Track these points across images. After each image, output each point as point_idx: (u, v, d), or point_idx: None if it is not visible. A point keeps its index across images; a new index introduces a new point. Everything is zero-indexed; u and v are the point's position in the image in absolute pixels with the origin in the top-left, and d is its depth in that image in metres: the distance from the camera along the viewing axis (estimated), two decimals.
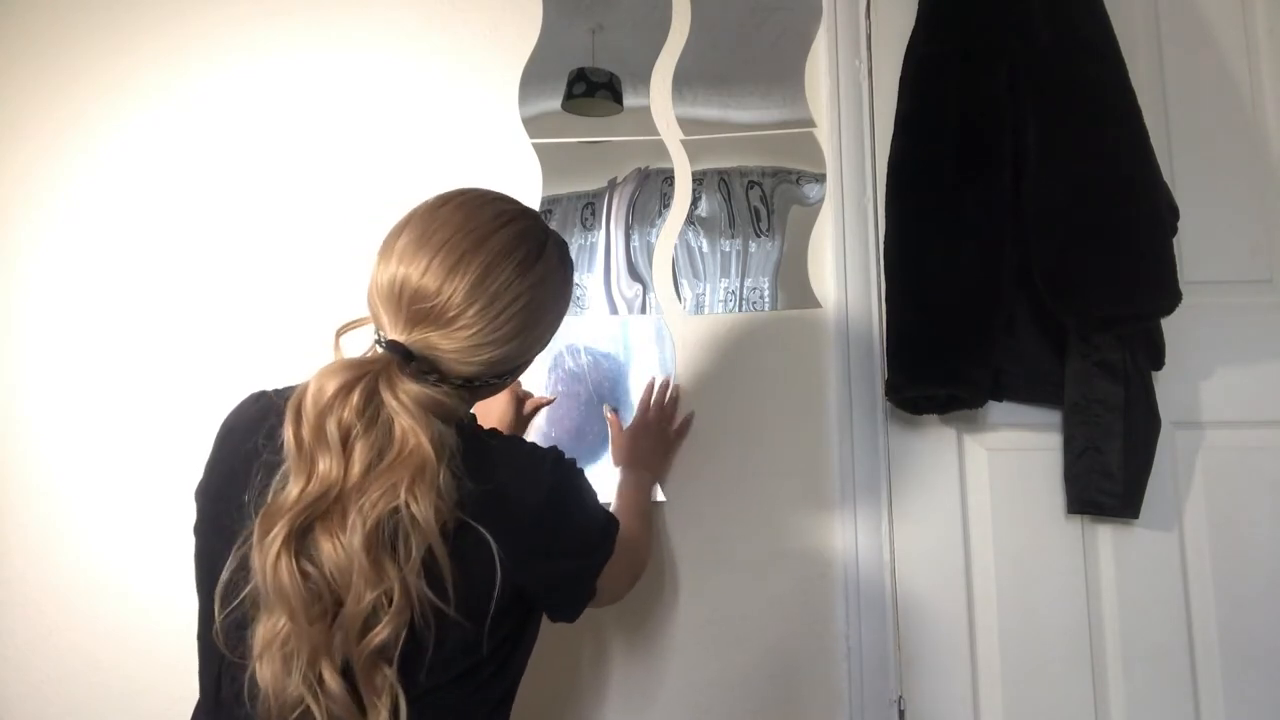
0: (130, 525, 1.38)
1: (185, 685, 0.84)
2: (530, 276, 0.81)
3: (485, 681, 0.82)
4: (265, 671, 0.72)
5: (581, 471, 0.88)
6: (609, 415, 1.32)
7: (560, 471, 0.84)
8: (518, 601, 0.82)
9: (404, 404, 0.74)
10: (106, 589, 1.37)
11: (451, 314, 0.77)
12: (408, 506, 0.71)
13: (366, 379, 0.74)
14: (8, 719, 1.37)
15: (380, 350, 0.79)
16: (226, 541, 0.76)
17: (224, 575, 0.74)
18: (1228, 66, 1.38)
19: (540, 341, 0.87)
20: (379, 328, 0.81)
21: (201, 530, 0.85)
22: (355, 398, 0.73)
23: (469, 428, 0.85)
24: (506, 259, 0.80)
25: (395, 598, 0.71)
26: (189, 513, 0.86)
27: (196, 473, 0.87)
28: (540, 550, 0.81)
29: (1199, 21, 1.39)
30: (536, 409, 1.29)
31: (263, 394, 0.86)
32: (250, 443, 0.79)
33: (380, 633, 0.71)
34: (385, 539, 0.72)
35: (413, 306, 0.78)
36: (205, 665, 0.83)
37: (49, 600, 1.38)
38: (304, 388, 0.75)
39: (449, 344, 0.78)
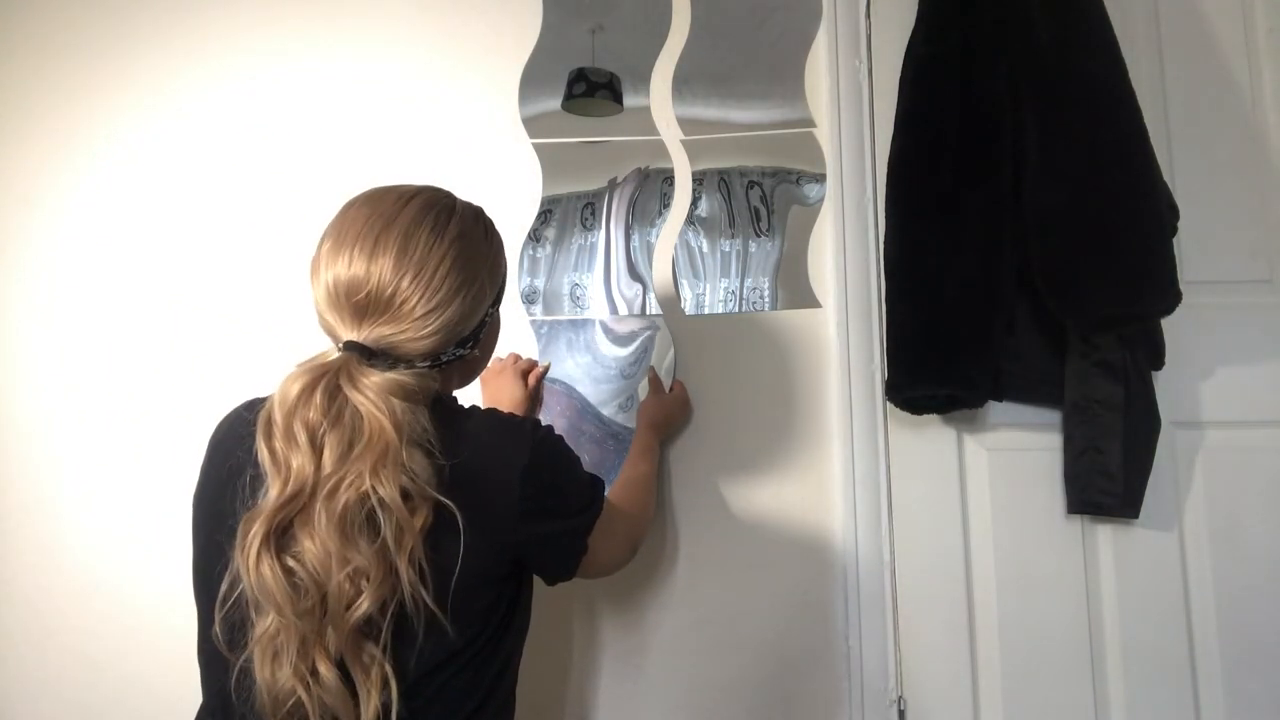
0: (130, 526, 1.38)
1: (185, 685, 0.84)
2: (448, 234, 0.84)
3: (479, 664, 0.82)
4: (259, 667, 0.73)
5: (561, 438, 0.90)
6: (650, 375, 1.34)
7: (541, 435, 0.86)
8: (509, 575, 0.84)
9: (366, 394, 0.76)
10: (106, 589, 1.37)
11: (387, 294, 0.79)
12: (374, 490, 0.73)
13: (327, 378, 0.76)
14: (8, 719, 1.37)
15: (340, 352, 0.80)
16: (222, 553, 0.76)
17: (222, 587, 0.75)
18: (1228, 66, 1.38)
19: (484, 296, 0.88)
20: (335, 338, 0.82)
21: (198, 540, 0.85)
22: (318, 397, 0.75)
23: (445, 405, 0.86)
24: (418, 227, 0.82)
25: (373, 573, 0.72)
26: (187, 513, 0.87)
27: (195, 472, 0.88)
28: (530, 511, 0.82)
29: (1199, 21, 1.39)
30: (539, 380, 1.31)
31: (254, 402, 0.86)
32: (236, 458, 0.80)
33: (361, 605, 0.72)
34: (360, 523, 0.73)
35: (351, 300, 0.80)
36: (208, 673, 0.83)
37: (49, 600, 1.38)
38: (271, 399, 0.77)
39: (396, 325, 0.80)
